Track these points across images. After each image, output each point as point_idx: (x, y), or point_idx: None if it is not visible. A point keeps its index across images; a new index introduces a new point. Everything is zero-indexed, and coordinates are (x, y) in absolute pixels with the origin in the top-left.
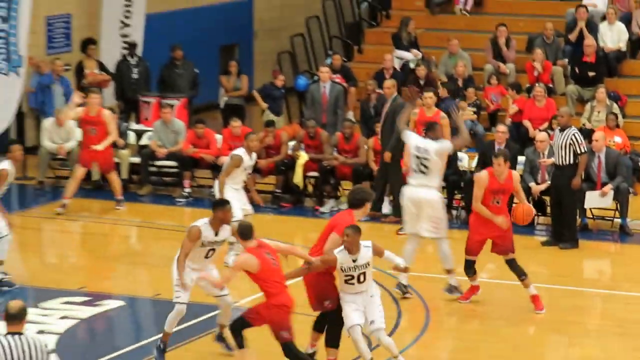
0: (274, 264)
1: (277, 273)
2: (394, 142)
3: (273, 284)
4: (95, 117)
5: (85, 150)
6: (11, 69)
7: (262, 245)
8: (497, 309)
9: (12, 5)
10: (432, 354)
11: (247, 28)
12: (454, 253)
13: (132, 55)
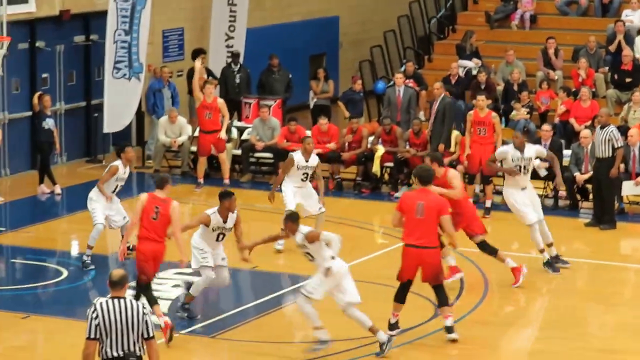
0: (152, 217)
1: (150, 223)
2: (445, 136)
3: (142, 229)
4: (211, 103)
5: (202, 136)
6: (133, 74)
7: (162, 199)
8: (545, 283)
9: (134, 20)
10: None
11: (333, 40)
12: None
13: (235, 63)
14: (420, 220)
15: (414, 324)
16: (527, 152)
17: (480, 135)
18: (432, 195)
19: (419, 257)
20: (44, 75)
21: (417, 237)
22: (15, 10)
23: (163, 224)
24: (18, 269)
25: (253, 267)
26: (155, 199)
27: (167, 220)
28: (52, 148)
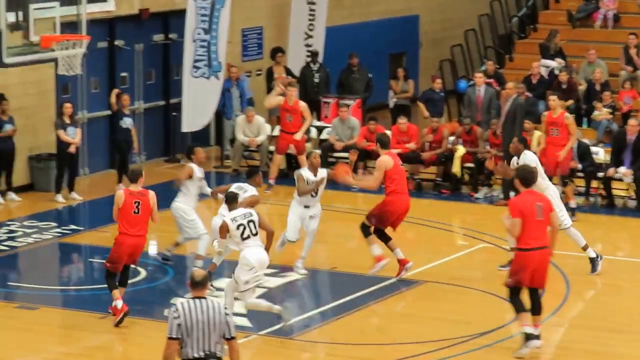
0: (134, 211)
1: (133, 218)
2: (517, 136)
3: (123, 225)
4: (292, 106)
5: (282, 135)
6: (212, 73)
7: (139, 192)
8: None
9: (213, 19)
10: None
11: (413, 39)
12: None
13: (314, 62)
14: (541, 222)
15: (493, 326)
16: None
17: (553, 135)
18: (541, 195)
19: (543, 259)
20: (123, 74)
21: (541, 239)
22: (95, 9)
23: (146, 216)
24: (96, 269)
25: (333, 267)
26: (132, 194)
27: (149, 211)
28: (131, 147)
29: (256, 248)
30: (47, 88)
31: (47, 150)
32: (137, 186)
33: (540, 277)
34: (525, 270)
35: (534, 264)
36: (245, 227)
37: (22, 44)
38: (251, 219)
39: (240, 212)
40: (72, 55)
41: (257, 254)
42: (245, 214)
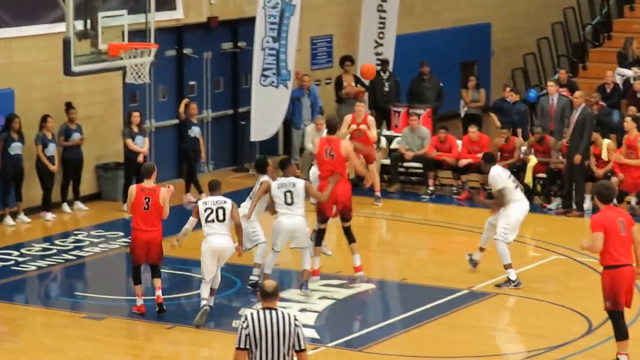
0: (144, 207)
1: (143, 214)
2: (584, 147)
3: (135, 221)
4: (361, 122)
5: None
6: (280, 82)
7: (150, 189)
8: None
9: (282, 27)
10: None
11: (485, 47)
12: None
13: (385, 71)
14: (624, 238)
15: (566, 340)
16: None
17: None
18: (622, 210)
19: (631, 276)
20: (191, 82)
21: (627, 256)
22: (163, 17)
23: (156, 212)
24: (164, 279)
25: (402, 279)
26: (144, 190)
27: (158, 207)
28: (198, 156)
29: (215, 236)
30: (115, 97)
31: (114, 160)
32: (150, 182)
33: (631, 295)
34: (620, 288)
35: (626, 281)
36: (212, 212)
37: (90, 52)
38: (222, 206)
39: (214, 199)
40: (140, 63)
41: (214, 241)
42: (218, 201)
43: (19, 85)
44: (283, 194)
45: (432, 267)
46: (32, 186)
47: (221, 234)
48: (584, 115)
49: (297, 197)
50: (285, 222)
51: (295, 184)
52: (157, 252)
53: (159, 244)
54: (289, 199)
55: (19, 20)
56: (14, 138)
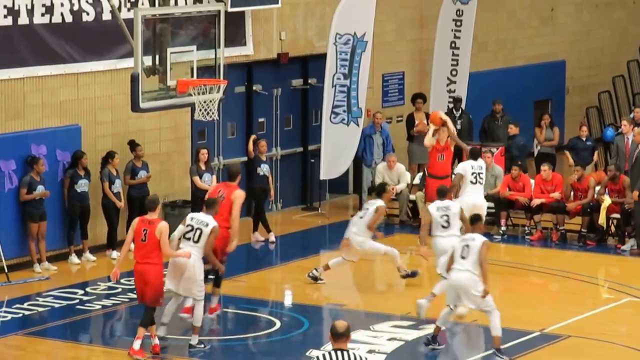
0: (141, 239)
1: (140, 245)
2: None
3: (134, 252)
4: (444, 146)
5: (430, 181)
6: (351, 119)
7: (149, 221)
8: None
9: (353, 64)
10: None
11: (559, 85)
12: None
13: (457, 109)
14: None
15: None
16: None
17: None
18: None
19: None
20: (261, 119)
21: None
22: (233, 52)
23: (152, 244)
24: (230, 319)
25: (473, 320)
26: (144, 222)
27: (155, 241)
28: (267, 195)
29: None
30: (183, 133)
31: (182, 197)
32: (153, 215)
33: None
34: None
35: None
36: (192, 231)
37: (158, 89)
38: (201, 228)
39: (201, 218)
40: (209, 100)
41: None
42: (202, 222)
43: (85, 121)
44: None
45: (504, 308)
46: (98, 224)
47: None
48: None
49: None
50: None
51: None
52: (151, 292)
53: (155, 283)
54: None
55: (86, 56)
56: (81, 175)
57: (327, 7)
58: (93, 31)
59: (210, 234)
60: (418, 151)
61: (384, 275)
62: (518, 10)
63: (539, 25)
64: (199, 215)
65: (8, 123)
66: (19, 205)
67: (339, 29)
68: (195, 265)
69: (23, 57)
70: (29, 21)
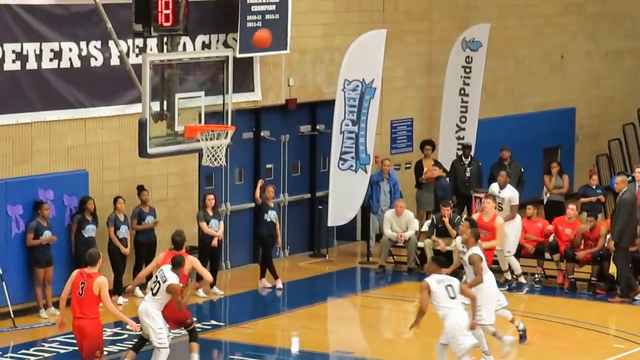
0: (78, 293)
1: (77, 299)
2: (619, 230)
3: (71, 306)
4: (488, 222)
5: None
6: (359, 166)
7: (88, 274)
8: None
9: (362, 110)
10: None
11: (569, 132)
12: None
13: (466, 156)
14: None
15: None
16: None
17: None
18: None
19: None
20: (268, 165)
21: None
22: (241, 98)
23: (89, 299)
24: None
25: None
26: (82, 275)
27: (92, 295)
28: (275, 241)
29: (145, 303)
30: (190, 179)
31: (189, 243)
32: (93, 268)
33: None
34: None
35: None
36: (155, 282)
37: (166, 134)
38: (159, 282)
39: (165, 273)
40: (217, 146)
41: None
42: (162, 277)
43: (93, 167)
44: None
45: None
46: (104, 269)
47: (145, 300)
48: (622, 199)
49: None
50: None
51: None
52: (89, 346)
53: (92, 336)
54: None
55: (94, 101)
56: (88, 220)
57: (336, 53)
58: (101, 76)
59: (167, 289)
60: (426, 198)
61: (392, 322)
62: (527, 58)
63: (549, 73)
64: (165, 269)
65: (16, 168)
66: (25, 250)
67: (348, 75)
68: (152, 310)
69: (31, 102)
70: (37, 66)
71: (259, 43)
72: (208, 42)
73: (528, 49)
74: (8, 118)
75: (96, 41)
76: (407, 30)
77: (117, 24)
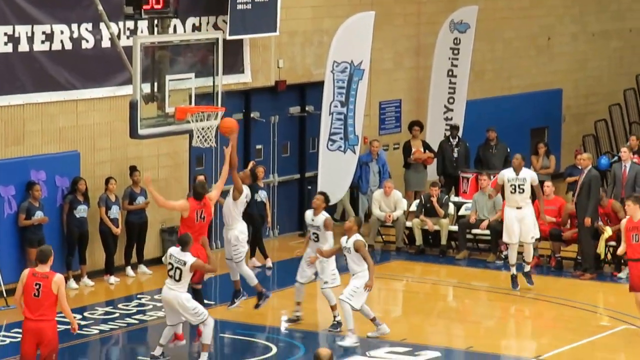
0: (34, 294)
1: (33, 301)
2: (592, 209)
3: (25, 309)
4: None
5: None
6: (348, 147)
7: (42, 274)
8: None
9: (350, 92)
10: None
11: (556, 113)
12: None
13: (454, 137)
14: None
15: None
16: (522, 173)
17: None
18: None
19: None
20: (258, 146)
21: None
22: (231, 80)
23: (49, 299)
24: (226, 344)
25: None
26: (35, 275)
27: (51, 295)
28: (265, 221)
29: (167, 288)
30: (181, 160)
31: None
32: (45, 267)
33: None
34: None
35: None
36: (172, 269)
37: (156, 116)
38: (180, 267)
39: (178, 256)
40: (207, 127)
41: (165, 293)
42: (180, 261)
43: (84, 148)
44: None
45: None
46: (96, 249)
47: (170, 288)
48: (589, 177)
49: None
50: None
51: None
52: (48, 351)
53: (52, 340)
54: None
55: (85, 83)
56: (80, 200)
57: (325, 36)
58: (92, 59)
59: (191, 269)
60: (414, 179)
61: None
62: (515, 39)
63: (536, 54)
64: (176, 253)
65: (8, 149)
66: (18, 231)
67: (337, 57)
68: (181, 297)
69: (23, 84)
70: (29, 48)
71: (225, 129)
72: (198, 24)
73: (515, 30)
74: (0, 100)
75: (87, 23)
76: (396, 12)
77: (108, 7)
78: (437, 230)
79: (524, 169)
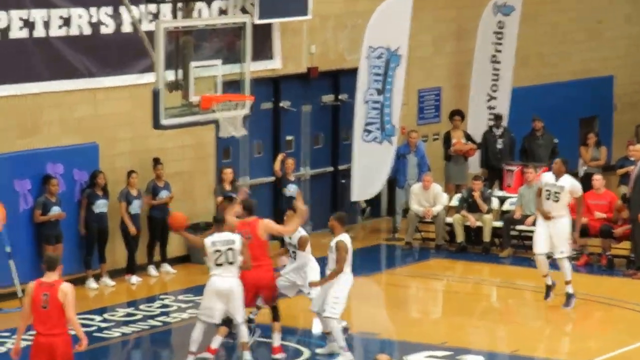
0: (42, 306)
1: (41, 313)
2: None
3: (35, 323)
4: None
5: None
6: (385, 137)
7: (49, 284)
8: None
9: (387, 79)
10: None
11: (607, 102)
12: None
13: (498, 127)
14: None
15: None
16: (561, 180)
17: None
18: None
19: None
20: (289, 137)
21: None
22: (260, 67)
23: (56, 311)
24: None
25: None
26: (42, 286)
27: (58, 306)
28: None
29: (221, 278)
30: (207, 152)
31: (204, 219)
32: (52, 275)
33: None
34: None
35: None
36: (222, 254)
37: (180, 105)
38: (231, 247)
39: (223, 238)
40: (234, 117)
41: (220, 283)
42: (228, 241)
43: (104, 139)
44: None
45: (549, 338)
46: (117, 247)
47: (223, 277)
48: None
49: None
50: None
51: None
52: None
53: (65, 355)
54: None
55: (104, 70)
56: (99, 195)
57: (360, 19)
58: (112, 44)
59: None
60: (455, 172)
61: (418, 301)
62: (562, 23)
63: (586, 38)
64: (220, 237)
65: (23, 141)
66: (33, 227)
67: (372, 42)
68: (237, 287)
69: (39, 71)
70: (45, 34)
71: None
72: (225, 7)
73: (563, 13)
74: (15, 88)
75: (107, 7)
76: None
77: None
78: (479, 227)
79: (565, 175)
